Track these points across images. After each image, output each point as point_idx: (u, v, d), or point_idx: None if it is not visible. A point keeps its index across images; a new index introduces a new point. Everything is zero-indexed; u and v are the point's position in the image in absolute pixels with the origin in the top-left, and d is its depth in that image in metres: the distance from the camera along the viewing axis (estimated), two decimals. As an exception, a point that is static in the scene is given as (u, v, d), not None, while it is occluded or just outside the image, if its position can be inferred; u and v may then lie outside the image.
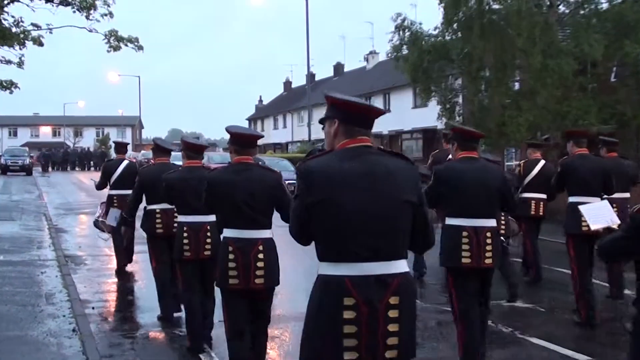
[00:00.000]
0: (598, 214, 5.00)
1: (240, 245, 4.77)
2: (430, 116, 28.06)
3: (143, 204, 7.31)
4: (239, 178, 4.86)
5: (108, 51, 21.14)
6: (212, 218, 5.48)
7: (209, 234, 5.92)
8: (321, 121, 3.40)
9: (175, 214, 6.43)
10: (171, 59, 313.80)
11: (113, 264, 10.54)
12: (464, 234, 5.26)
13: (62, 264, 10.38)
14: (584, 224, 6.47)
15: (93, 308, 7.85)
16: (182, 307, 6.63)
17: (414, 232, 3.01)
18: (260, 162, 5.21)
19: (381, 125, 41.95)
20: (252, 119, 73.33)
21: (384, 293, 2.84)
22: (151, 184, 7.02)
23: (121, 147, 10.74)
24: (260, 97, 76.34)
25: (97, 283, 9.40)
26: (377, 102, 45.54)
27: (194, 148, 6.23)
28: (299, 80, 79.80)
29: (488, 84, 20.68)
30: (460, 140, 5.50)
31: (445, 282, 5.55)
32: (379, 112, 3.14)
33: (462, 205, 5.29)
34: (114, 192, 10.04)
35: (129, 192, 8.21)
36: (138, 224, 7.53)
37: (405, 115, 40.30)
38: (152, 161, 7.83)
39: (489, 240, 5.29)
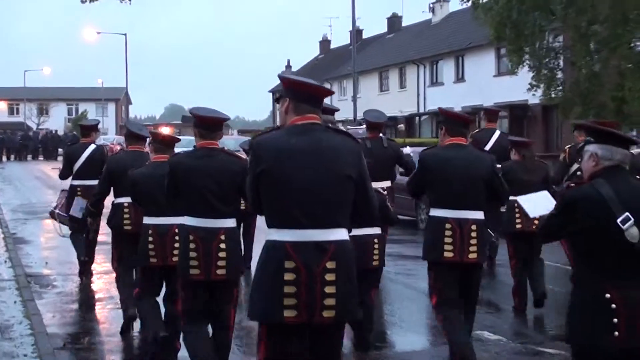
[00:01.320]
0: (537, 203, 5.91)
1: (201, 234, 5.92)
2: (519, 87, 27.82)
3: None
4: (202, 164, 5.98)
5: (83, 1, 21.07)
6: (180, 220, 6.29)
7: (176, 237, 6.69)
8: (276, 100, 4.82)
9: None
10: (168, 12, 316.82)
11: (96, 287, 10.75)
12: (447, 226, 6.41)
13: (22, 286, 10.56)
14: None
15: (64, 345, 7.95)
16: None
17: (355, 205, 4.45)
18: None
19: (453, 100, 41.80)
20: (276, 91, 73.40)
21: (321, 258, 4.25)
22: (120, 174, 7.98)
23: (87, 129, 11.47)
24: (289, 61, 76.73)
25: (70, 311, 9.52)
26: (446, 67, 45.38)
27: (163, 141, 7.26)
28: (340, 39, 79.97)
29: (601, 43, 20.37)
30: (448, 125, 6.63)
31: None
32: (327, 92, 4.67)
33: (446, 196, 6.47)
34: (77, 182, 10.98)
35: (95, 182, 9.46)
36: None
37: (485, 85, 40.07)
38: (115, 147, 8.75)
39: (473, 234, 6.40)
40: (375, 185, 9.02)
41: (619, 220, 4.33)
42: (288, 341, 4.39)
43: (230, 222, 6.05)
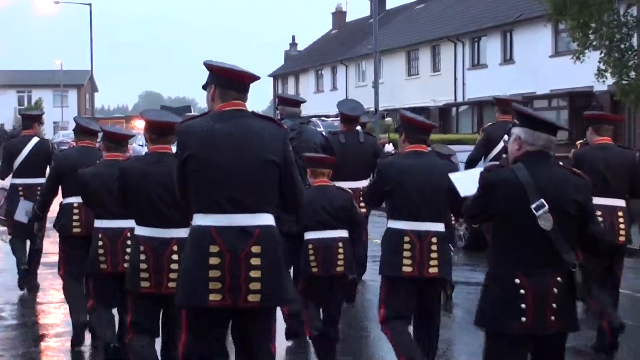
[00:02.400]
0: (468, 182, 6.49)
1: (152, 244, 6.62)
2: (581, 70, 27.84)
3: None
4: (154, 169, 6.70)
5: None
6: (132, 223, 6.99)
7: (128, 242, 7.53)
8: (203, 87, 5.72)
9: None
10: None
11: (52, 317, 10.81)
12: (406, 239, 7.21)
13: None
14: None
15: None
16: None
17: (281, 190, 5.51)
18: None
19: (499, 86, 41.84)
20: (277, 76, 73.83)
21: (246, 242, 5.26)
22: (69, 172, 8.84)
23: (30, 119, 12.28)
24: (294, 38, 77.18)
25: (26, 351, 9.53)
26: (491, 44, 45.44)
27: (114, 138, 8.15)
28: (358, 10, 79.94)
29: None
30: (408, 132, 7.44)
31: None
32: (253, 78, 5.59)
33: (405, 207, 7.27)
34: (18, 180, 11.86)
35: (39, 180, 10.98)
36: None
37: (538, 68, 40.12)
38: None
39: (434, 247, 7.21)
40: (351, 185, 9.68)
41: (532, 207, 5.24)
42: (211, 325, 5.44)
43: (183, 232, 6.51)
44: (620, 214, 9.08)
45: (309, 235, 8.36)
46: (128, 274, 6.86)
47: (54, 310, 11.34)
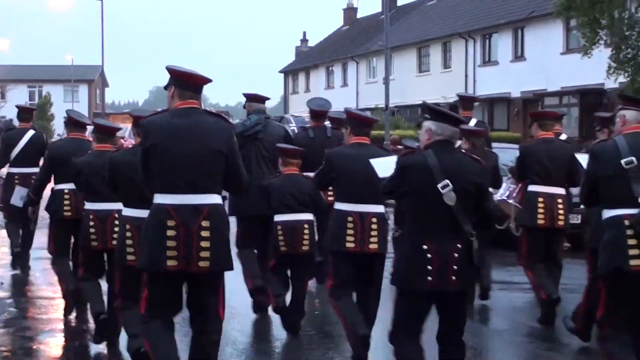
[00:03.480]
0: (386, 166, 7.44)
1: (137, 224, 7.48)
2: (592, 67, 27.77)
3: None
4: (135, 159, 7.40)
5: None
6: (120, 206, 8.19)
7: (116, 222, 8.62)
8: (165, 87, 6.81)
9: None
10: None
11: (54, 310, 10.85)
12: (349, 218, 8.35)
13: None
14: (540, 216, 10.30)
15: None
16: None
17: (226, 176, 6.66)
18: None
19: (510, 83, 41.79)
20: (288, 72, 73.81)
21: (197, 217, 6.43)
22: (62, 161, 9.94)
23: (26, 114, 13.58)
24: (305, 34, 77.11)
25: (30, 342, 9.54)
26: (502, 41, 45.39)
27: (104, 130, 9.26)
28: (369, 6, 79.84)
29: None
30: (352, 125, 8.62)
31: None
32: (206, 81, 6.76)
33: (349, 191, 8.41)
34: (15, 169, 13.03)
35: (34, 170, 12.31)
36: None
37: (550, 65, 40.06)
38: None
39: (374, 226, 8.36)
40: None
41: (439, 186, 6.41)
42: (168, 287, 6.59)
43: None
44: (559, 200, 10.37)
45: (279, 217, 9.54)
46: (117, 249, 8.07)
47: (47, 304, 11.41)
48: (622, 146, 6.85)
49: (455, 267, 6.46)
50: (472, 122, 12.69)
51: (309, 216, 9.62)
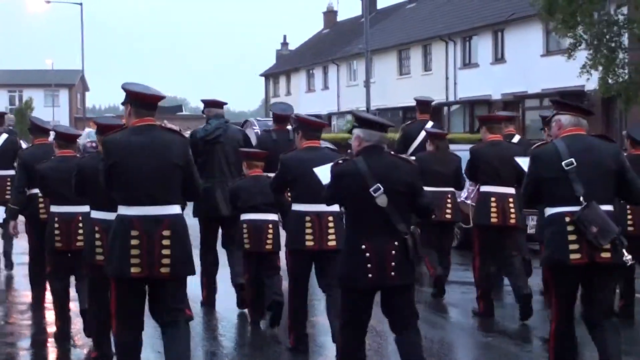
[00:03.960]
0: (328, 171, 7.69)
1: (104, 226, 7.88)
2: (572, 69, 27.89)
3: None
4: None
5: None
6: (84, 209, 8.73)
7: (80, 224, 9.07)
8: (122, 103, 7.29)
9: None
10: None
11: (36, 315, 10.94)
12: (307, 218, 8.73)
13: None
14: (492, 215, 10.68)
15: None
16: None
17: (184, 185, 7.19)
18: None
19: (490, 85, 41.89)
20: (269, 75, 73.82)
21: (159, 227, 6.92)
22: (33, 166, 10.04)
23: None
24: (285, 37, 77.25)
25: (12, 347, 9.56)
26: (482, 44, 45.55)
27: (64, 137, 9.53)
28: (349, 9, 79.94)
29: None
30: (304, 130, 8.95)
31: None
32: (160, 99, 7.28)
33: (305, 192, 8.67)
34: None
35: (9, 172, 12.70)
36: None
37: (530, 67, 40.16)
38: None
39: (331, 224, 8.77)
40: None
41: (371, 190, 6.86)
42: (132, 291, 7.08)
43: None
44: (510, 199, 10.78)
45: (244, 216, 10.05)
46: (85, 250, 8.45)
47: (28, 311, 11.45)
48: (561, 149, 7.28)
49: (393, 263, 6.91)
50: (428, 126, 13.47)
51: (273, 216, 10.12)
